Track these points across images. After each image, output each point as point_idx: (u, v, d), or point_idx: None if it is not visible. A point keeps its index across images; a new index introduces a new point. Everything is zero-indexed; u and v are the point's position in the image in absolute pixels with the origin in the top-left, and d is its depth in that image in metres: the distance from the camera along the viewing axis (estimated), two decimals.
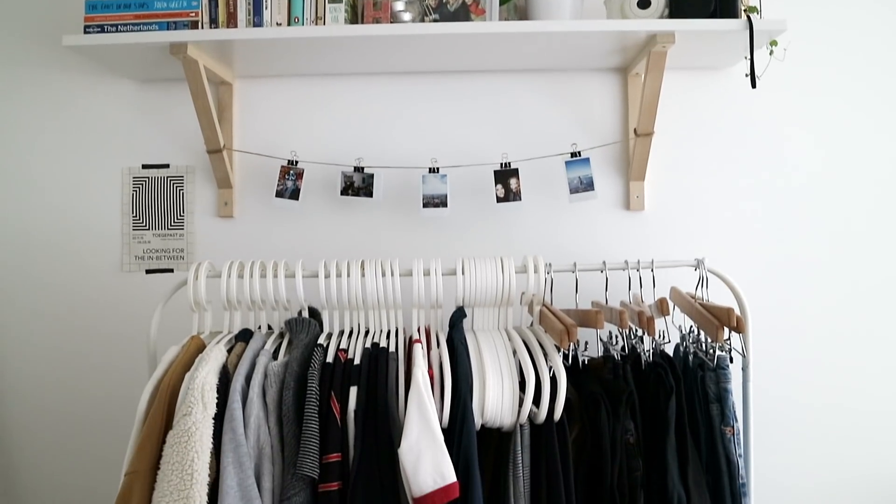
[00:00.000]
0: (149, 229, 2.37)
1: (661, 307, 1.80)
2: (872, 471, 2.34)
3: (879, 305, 2.33)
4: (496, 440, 1.66)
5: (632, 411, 1.68)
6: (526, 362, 1.59)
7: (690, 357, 1.85)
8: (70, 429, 2.38)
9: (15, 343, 2.39)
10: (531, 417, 1.59)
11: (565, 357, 1.75)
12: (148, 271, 2.36)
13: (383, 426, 1.51)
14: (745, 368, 1.86)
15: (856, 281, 2.32)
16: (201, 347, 1.68)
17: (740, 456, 1.75)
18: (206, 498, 1.42)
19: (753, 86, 1.97)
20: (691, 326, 1.87)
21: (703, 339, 1.83)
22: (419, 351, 1.59)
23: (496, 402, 1.56)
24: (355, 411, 1.53)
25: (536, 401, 1.57)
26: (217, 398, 1.51)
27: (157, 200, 2.37)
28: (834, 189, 2.32)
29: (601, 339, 1.86)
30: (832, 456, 2.33)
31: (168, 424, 1.51)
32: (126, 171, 2.37)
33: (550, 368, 1.60)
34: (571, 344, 1.60)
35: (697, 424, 1.76)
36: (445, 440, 1.48)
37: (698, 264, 1.89)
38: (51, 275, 2.37)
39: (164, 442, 1.47)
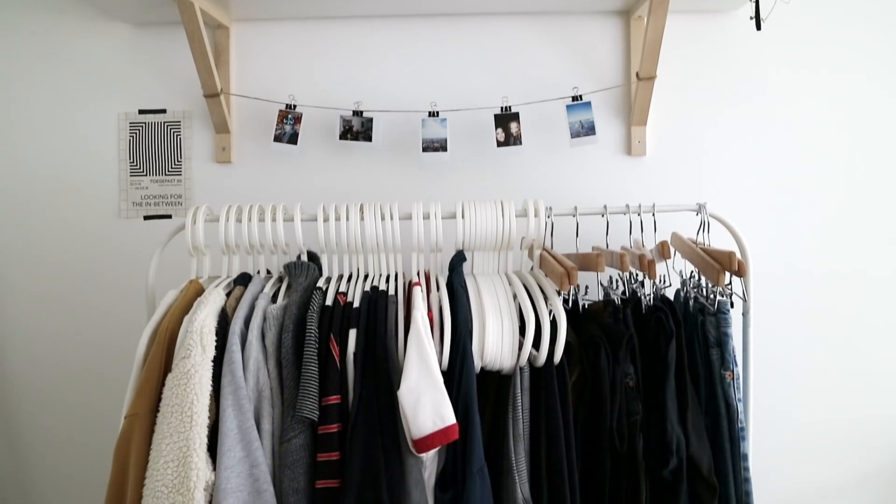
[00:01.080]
0: (146, 175, 2.35)
1: (663, 250, 1.79)
2: (871, 414, 2.35)
3: (883, 251, 2.32)
4: (496, 383, 1.66)
5: (632, 355, 1.68)
6: (526, 305, 1.58)
7: (691, 302, 1.84)
8: (67, 375, 2.38)
9: (12, 290, 2.38)
10: (531, 361, 1.58)
11: (565, 301, 1.75)
12: (146, 217, 2.34)
13: (383, 368, 1.51)
14: (745, 314, 1.85)
15: (859, 226, 2.31)
16: (200, 291, 1.67)
17: (739, 400, 1.75)
18: (205, 440, 1.42)
19: (758, 28, 1.94)
20: (692, 272, 1.86)
21: (703, 285, 1.82)
22: (419, 294, 1.59)
23: (496, 345, 1.56)
24: (354, 354, 1.52)
25: (536, 344, 1.56)
26: (216, 341, 1.50)
27: (154, 146, 2.35)
28: (839, 134, 2.30)
29: (601, 284, 1.85)
30: (831, 401, 2.34)
31: (167, 367, 1.51)
32: (122, 117, 2.35)
33: (550, 312, 1.59)
34: (572, 287, 1.59)
35: (697, 369, 1.76)
36: (445, 383, 1.47)
37: (700, 209, 1.87)
38: (47, 222, 2.36)
39: (163, 385, 1.47)
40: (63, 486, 2.42)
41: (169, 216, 2.33)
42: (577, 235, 1.84)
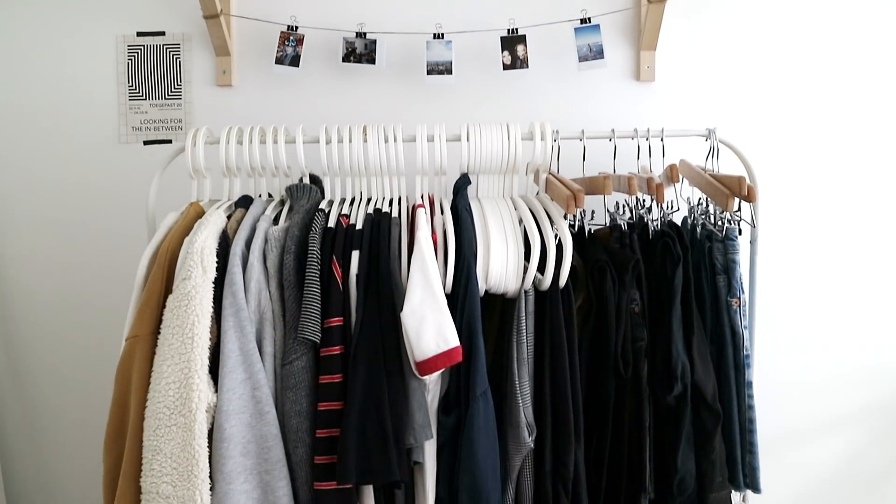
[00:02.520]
0: (145, 99, 2.31)
1: (671, 173, 1.77)
2: (875, 342, 2.34)
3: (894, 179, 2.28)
4: (500, 306, 1.65)
5: (638, 281, 1.66)
6: (531, 227, 1.56)
7: (698, 229, 1.81)
8: (69, 298, 2.38)
9: (13, 216, 2.36)
10: (536, 284, 1.56)
11: (571, 226, 1.72)
12: (146, 142, 2.31)
13: (386, 290, 1.49)
14: (752, 242, 1.84)
15: (871, 157, 2.27)
16: (200, 214, 1.64)
17: (745, 328, 1.74)
18: (206, 361, 1.41)
19: None
20: (700, 199, 1.83)
21: (711, 212, 1.80)
22: (422, 216, 1.56)
23: (500, 268, 1.54)
24: (357, 275, 1.50)
25: (541, 268, 1.55)
26: (217, 263, 1.48)
27: (152, 69, 2.30)
28: (854, 62, 2.25)
29: (608, 211, 1.83)
30: (836, 330, 2.33)
31: (168, 289, 1.49)
32: (120, 39, 2.30)
33: (556, 235, 1.56)
34: (578, 211, 1.57)
35: (703, 295, 1.74)
36: (448, 305, 1.46)
37: (709, 134, 1.84)
38: (46, 148, 2.33)
39: (163, 307, 1.46)
40: (67, 412, 2.43)
41: (169, 141, 2.30)
42: (583, 160, 1.81)
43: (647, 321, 1.67)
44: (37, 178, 2.34)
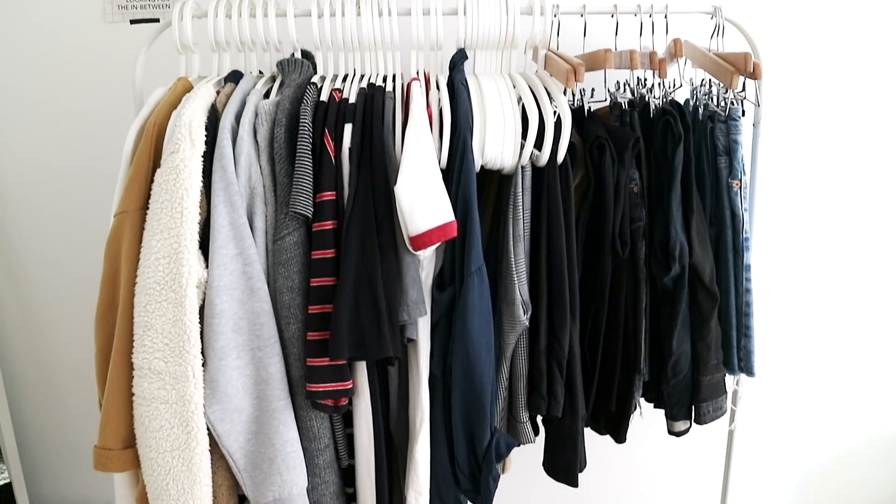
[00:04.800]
0: None
1: (675, 48, 1.71)
2: (874, 217, 2.32)
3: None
4: (496, 183, 1.61)
5: (637, 160, 1.63)
6: (529, 101, 1.51)
7: (700, 110, 1.76)
8: (56, 176, 2.33)
9: None
10: (533, 161, 1.53)
11: (570, 104, 1.68)
12: (132, 21, 2.23)
13: (379, 164, 1.45)
14: (756, 124, 1.80)
15: (882, 37, 2.20)
16: (188, 88, 1.59)
17: (745, 210, 1.71)
18: (196, 236, 1.38)
19: None
20: (703, 80, 1.78)
21: (714, 93, 1.75)
22: (417, 89, 1.51)
23: (497, 142, 1.50)
24: (350, 149, 1.46)
25: (539, 144, 1.51)
26: (206, 137, 1.44)
27: None
28: None
29: (608, 90, 1.77)
30: (838, 212, 2.31)
31: (156, 164, 1.45)
32: None
33: (555, 112, 1.52)
34: (578, 87, 1.52)
35: (704, 177, 1.71)
36: (444, 180, 1.43)
37: (715, 12, 1.77)
38: (26, 27, 2.24)
39: (152, 181, 1.42)
40: (58, 290, 2.42)
41: (156, 20, 2.22)
42: (584, 35, 1.75)
43: (645, 202, 1.65)
44: (20, 59, 2.26)
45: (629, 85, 1.76)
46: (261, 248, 1.46)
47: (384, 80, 1.64)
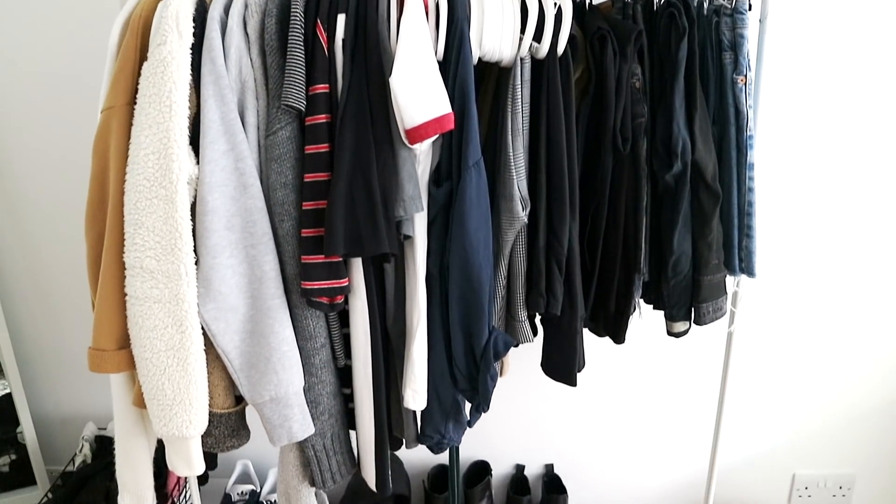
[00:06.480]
0: None
1: None
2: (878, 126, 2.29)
3: None
4: (495, 76, 1.57)
5: (640, 54, 1.58)
6: None
7: (706, 3, 1.71)
8: (40, 72, 2.27)
9: None
10: (532, 53, 1.48)
11: None
12: None
13: (374, 55, 1.40)
14: (762, 20, 1.75)
15: None
16: None
17: (750, 107, 1.67)
18: (186, 131, 1.34)
19: None
20: None
21: None
22: None
23: (495, 33, 1.44)
24: (343, 40, 1.41)
25: (539, 36, 1.46)
26: (194, 29, 1.39)
27: None
28: None
29: None
30: (842, 111, 2.27)
31: (142, 57, 1.40)
32: None
33: (556, 3, 1.47)
34: None
35: (708, 72, 1.66)
36: (440, 72, 1.38)
37: None
38: None
39: (139, 75, 1.37)
40: (46, 189, 2.38)
41: None
42: None
43: (648, 97, 1.60)
44: None
45: None
46: (253, 143, 1.42)
47: None
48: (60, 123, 2.29)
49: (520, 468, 2.63)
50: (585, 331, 1.75)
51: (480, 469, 2.61)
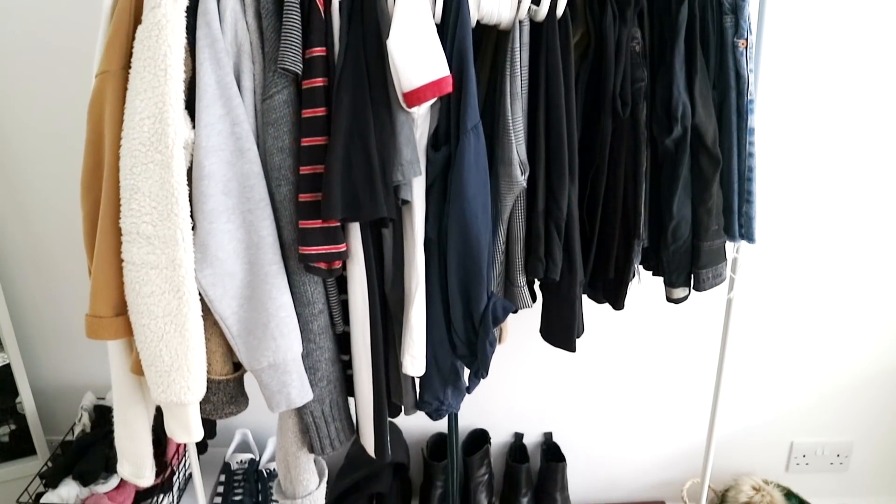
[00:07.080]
0: None
1: None
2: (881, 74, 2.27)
3: None
4: (493, 39, 1.55)
5: (640, 17, 1.56)
6: None
7: None
8: (34, 36, 2.23)
9: None
10: (531, 15, 1.47)
11: None
12: None
13: (371, 17, 1.38)
14: None
15: None
16: None
17: (751, 71, 1.65)
18: (182, 95, 1.33)
19: None
20: None
21: None
22: None
23: None
24: (340, 2, 1.39)
25: (537, 2, 1.44)
26: None
27: None
28: None
29: None
30: (841, 70, 2.25)
31: (136, 20, 1.38)
32: None
33: None
34: None
35: (708, 35, 1.64)
36: (439, 34, 1.37)
37: None
38: None
39: (133, 39, 1.36)
40: (41, 158, 2.35)
41: None
42: None
43: (647, 62, 1.59)
44: None
45: None
46: (249, 108, 1.41)
47: None
48: (53, 92, 2.26)
49: (518, 436, 2.64)
50: (584, 298, 1.74)
51: (479, 437, 2.61)
